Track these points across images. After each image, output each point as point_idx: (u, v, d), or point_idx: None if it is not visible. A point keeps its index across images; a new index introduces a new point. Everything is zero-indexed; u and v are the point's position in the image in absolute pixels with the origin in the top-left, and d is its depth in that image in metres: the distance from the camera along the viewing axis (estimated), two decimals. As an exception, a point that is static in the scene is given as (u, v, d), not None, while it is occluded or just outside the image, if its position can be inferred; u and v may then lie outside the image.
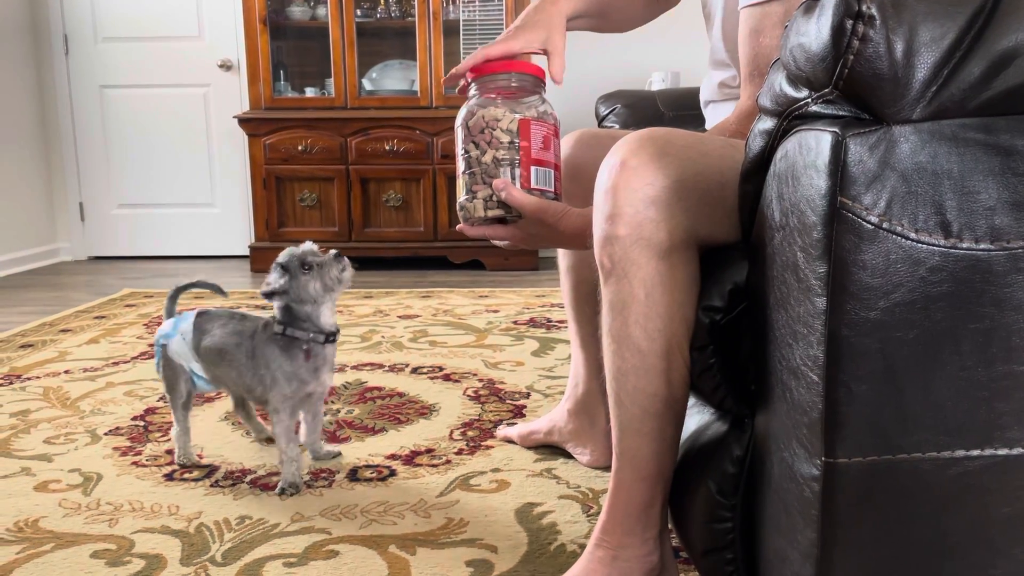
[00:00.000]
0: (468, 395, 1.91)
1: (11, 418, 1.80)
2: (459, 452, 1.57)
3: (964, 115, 0.60)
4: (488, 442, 1.62)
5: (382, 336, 2.49)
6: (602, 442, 1.44)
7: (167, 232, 4.21)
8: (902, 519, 0.66)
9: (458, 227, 1.16)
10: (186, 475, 1.47)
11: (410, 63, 3.84)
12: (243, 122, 3.72)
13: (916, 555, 0.67)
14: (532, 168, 1.10)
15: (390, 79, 3.89)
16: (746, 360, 0.84)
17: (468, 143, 1.11)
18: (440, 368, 2.14)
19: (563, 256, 1.45)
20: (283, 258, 1.39)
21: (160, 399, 1.90)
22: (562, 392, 1.83)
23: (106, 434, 1.69)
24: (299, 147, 3.69)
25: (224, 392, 1.56)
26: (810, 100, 0.66)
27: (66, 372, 2.14)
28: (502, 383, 2.00)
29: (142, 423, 1.75)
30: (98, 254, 4.25)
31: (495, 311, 2.81)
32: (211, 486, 1.43)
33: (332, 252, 1.41)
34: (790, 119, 0.69)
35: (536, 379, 2.03)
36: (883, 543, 0.66)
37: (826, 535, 0.66)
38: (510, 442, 1.61)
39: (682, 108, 1.83)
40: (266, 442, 1.61)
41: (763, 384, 0.79)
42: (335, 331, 1.43)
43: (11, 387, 2.02)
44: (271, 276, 1.40)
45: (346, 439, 1.64)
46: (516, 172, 1.09)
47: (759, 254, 0.78)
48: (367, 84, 3.85)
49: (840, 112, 0.64)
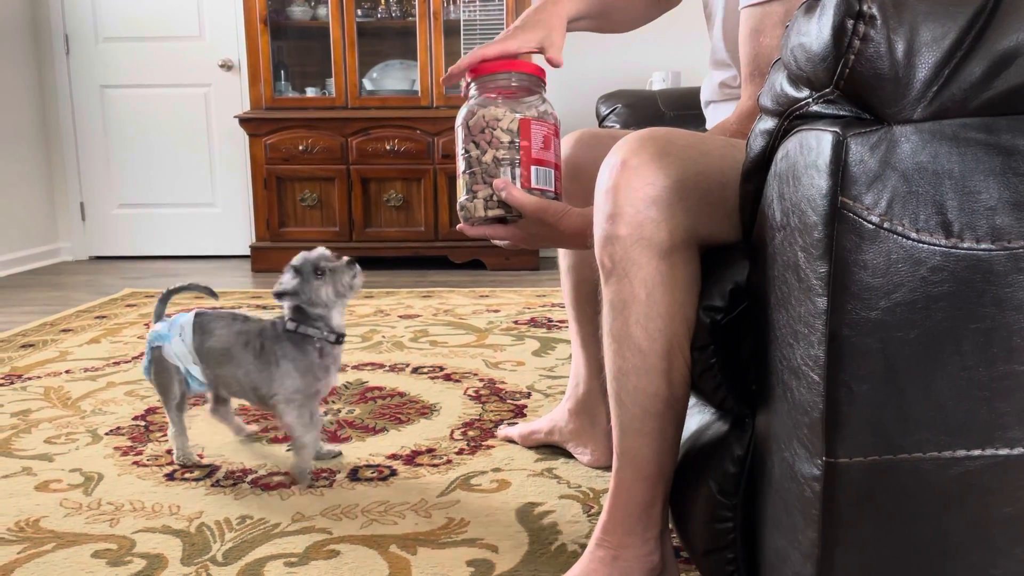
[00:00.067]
0: (469, 395, 1.91)
1: (12, 418, 1.80)
2: (460, 452, 1.57)
3: (965, 115, 0.60)
4: (489, 442, 1.62)
5: (383, 336, 2.49)
6: (603, 442, 1.44)
7: (168, 232, 4.21)
8: (903, 519, 0.66)
9: (458, 227, 1.16)
10: (187, 475, 1.48)
11: (411, 63, 3.84)
12: (244, 122, 3.73)
13: (917, 555, 0.67)
14: (532, 168, 1.10)
15: (391, 79, 3.89)
16: (747, 360, 0.84)
17: (468, 143, 1.11)
18: (441, 368, 2.14)
19: (564, 256, 1.45)
20: (297, 261, 1.43)
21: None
22: (563, 392, 1.83)
23: (107, 434, 1.69)
24: (300, 147, 3.69)
25: (223, 393, 1.56)
26: (811, 100, 0.66)
27: (67, 372, 2.15)
28: (503, 383, 2.00)
29: (143, 423, 1.75)
30: (99, 254, 4.25)
31: (496, 311, 2.81)
32: (212, 486, 1.43)
33: (345, 259, 1.45)
34: (791, 119, 0.69)
35: (537, 379, 2.03)
36: (884, 543, 0.66)
37: (827, 535, 0.66)
38: (511, 442, 1.61)
39: (683, 108, 1.83)
40: (248, 438, 1.63)
41: (764, 384, 0.79)
42: (344, 333, 1.46)
43: (12, 387, 2.02)
44: (284, 277, 1.43)
45: (347, 439, 1.64)
46: (516, 172, 1.09)
47: (760, 254, 0.78)
48: (368, 84, 3.85)
49: (841, 112, 0.64)
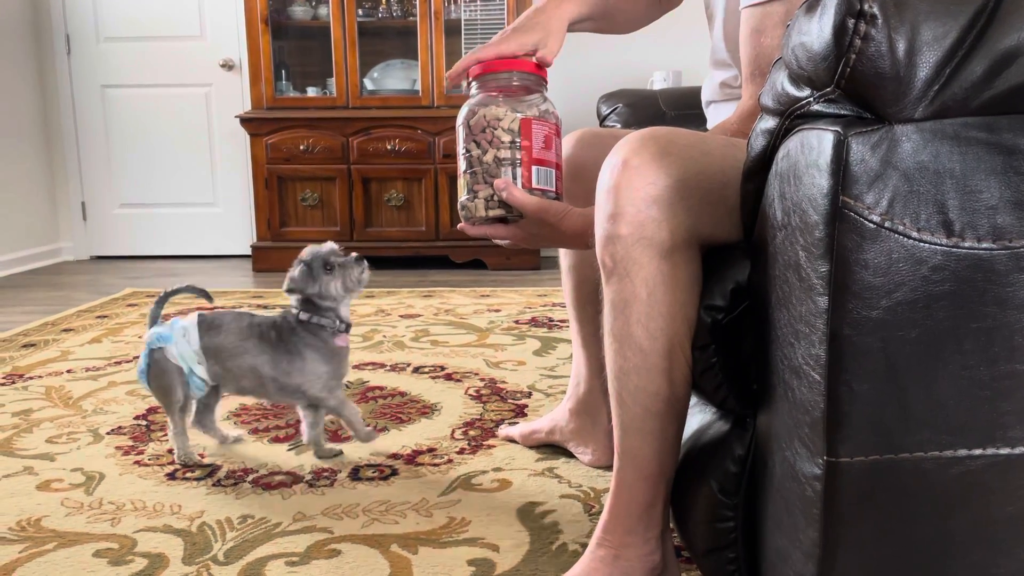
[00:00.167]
0: (470, 394, 1.91)
1: (13, 417, 1.80)
2: (461, 451, 1.57)
3: (966, 114, 0.60)
4: (490, 441, 1.62)
5: (384, 335, 2.49)
6: (604, 441, 1.44)
7: (169, 232, 4.21)
8: (904, 518, 0.66)
9: (459, 226, 1.16)
10: (188, 474, 1.48)
11: (412, 63, 3.84)
12: (245, 122, 3.73)
13: (918, 554, 0.67)
14: (533, 168, 1.10)
15: (392, 79, 3.89)
16: (748, 359, 0.84)
17: (469, 142, 1.11)
18: (442, 367, 2.14)
19: (565, 255, 1.45)
20: (307, 256, 1.48)
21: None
22: (564, 391, 1.82)
23: (108, 433, 1.69)
24: (301, 147, 3.69)
25: (231, 390, 1.55)
26: (812, 99, 0.66)
27: (68, 371, 2.15)
28: (504, 382, 2.00)
29: (144, 422, 1.75)
30: (100, 254, 4.26)
31: (497, 310, 2.81)
32: (213, 485, 1.43)
33: (353, 255, 1.50)
34: (792, 118, 0.69)
35: (538, 378, 2.03)
36: (885, 542, 0.66)
37: (828, 534, 0.66)
38: (512, 441, 1.61)
39: (684, 107, 1.83)
40: (236, 442, 1.62)
41: (765, 383, 0.79)
42: (351, 323, 1.53)
43: (13, 386, 2.03)
44: (294, 272, 1.47)
45: (348, 438, 1.64)
46: (517, 172, 1.09)
47: (761, 253, 0.78)
48: (369, 84, 3.85)
49: (842, 111, 0.64)
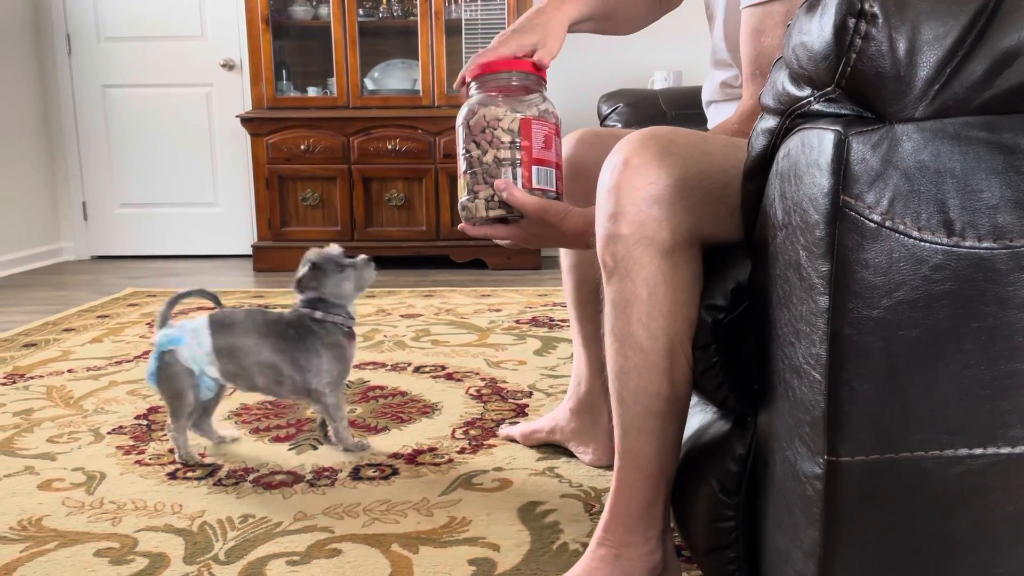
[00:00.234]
0: (470, 394, 1.91)
1: (14, 417, 1.80)
2: (461, 451, 1.57)
3: (967, 113, 0.60)
4: (490, 441, 1.62)
5: (384, 335, 2.49)
6: (604, 441, 1.44)
7: (170, 231, 4.21)
8: (905, 518, 0.66)
9: (460, 227, 1.16)
10: (189, 474, 1.48)
11: (412, 62, 3.84)
12: (245, 121, 3.73)
13: (919, 554, 0.67)
14: (534, 168, 1.09)
15: (392, 78, 3.89)
16: (749, 359, 0.84)
17: (469, 143, 1.11)
18: (442, 367, 2.14)
19: (565, 255, 1.45)
20: (318, 258, 1.52)
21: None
22: (564, 391, 1.82)
23: (109, 433, 1.69)
24: (301, 146, 3.69)
25: (242, 387, 1.55)
26: (813, 99, 0.66)
27: (69, 371, 2.15)
28: (504, 382, 2.00)
29: (145, 422, 1.75)
30: (101, 253, 4.26)
31: (497, 310, 2.81)
32: (214, 485, 1.43)
33: (363, 257, 1.55)
34: (793, 118, 0.69)
35: (538, 378, 2.03)
36: (886, 542, 0.66)
37: (829, 533, 0.66)
38: (512, 441, 1.61)
39: (684, 107, 1.83)
40: (234, 442, 1.62)
41: (766, 383, 0.79)
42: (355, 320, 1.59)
43: (14, 386, 2.03)
44: (303, 271, 1.52)
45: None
46: (518, 172, 1.09)
47: (762, 253, 0.78)
48: (369, 83, 3.85)
49: (843, 111, 0.64)
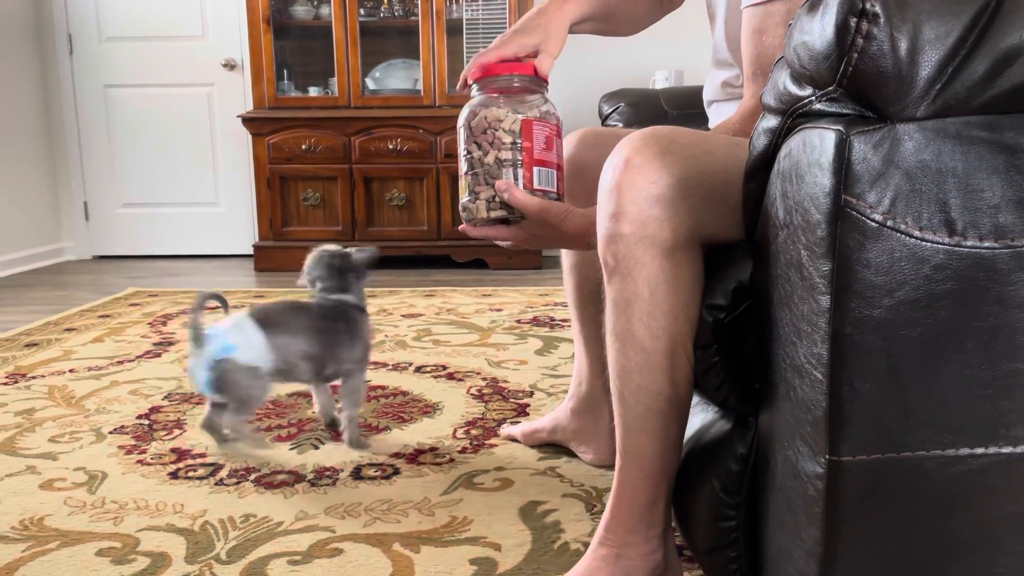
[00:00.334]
0: (472, 394, 1.91)
1: (16, 417, 1.80)
2: (463, 451, 1.57)
3: (968, 113, 0.60)
4: (492, 440, 1.62)
5: (386, 335, 2.49)
6: (605, 440, 1.44)
7: (171, 231, 4.21)
8: (906, 517, 0.66)
9: (461, 228, 1.16)
10: (191, 473, 1.48)
11: (413, 62, 3.84)
12: (247, 121, 3.73)
13: (920, 553, 0.67)
14: (535, 169, 1.10)
15: (393, 78, 3.89)
16: (750, 358, 0.84)
17: (470, 144, 1.11)
18: (444, 367, 2.14)
19: (566, 255, 1.45)
20: (333, 260, 1.57)
21: (165, 398, 1.90)
22: (565, 391, 1.82)
23: (111, 432, 1.69)
24: (303, 146, 3.69)
25: (276, 382, 1.55)
26: (814, 98, 0.66)
27: (71, 371, 2.15)
28: (505, 382, 2.00)
29: (147, 422, 1.75)
30: (102, 253, 4.26)
31: (498, 310, 2.81)
32: (215, 484, 1.43)
33: (370, 249, 1.61)
34: (794, 117, 0.69)
35: (539, 378, 2.03)
36: (887, 541, 0.66)
37: (830, 533, 0.66)
38: (514, 440, 1.61)
39: (686, 107, 1.83)
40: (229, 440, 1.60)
41: (767, 382, 0.79)
42: None
43: (16, 386, 2.03)
44: (315, 271, 1.57)
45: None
46: (519, 173, 1.09)
47: (763, 252, 0.78)
48: (370, 83, 3.85)
49: (844, 110, 0.64)
